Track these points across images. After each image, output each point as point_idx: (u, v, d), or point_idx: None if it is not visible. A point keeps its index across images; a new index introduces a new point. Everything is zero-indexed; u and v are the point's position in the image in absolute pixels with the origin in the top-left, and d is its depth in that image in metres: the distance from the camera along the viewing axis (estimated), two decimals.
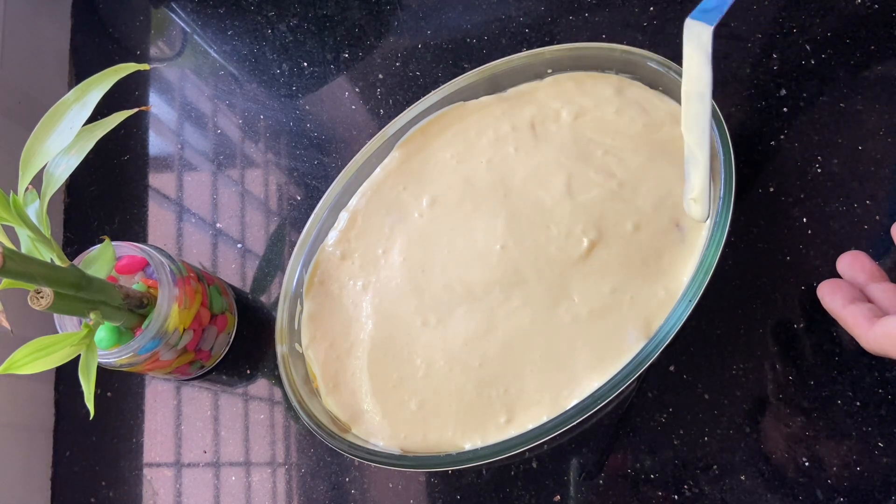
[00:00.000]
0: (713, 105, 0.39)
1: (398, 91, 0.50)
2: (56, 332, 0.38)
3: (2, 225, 0.33)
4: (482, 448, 0.36)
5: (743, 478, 0.39)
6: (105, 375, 0.47)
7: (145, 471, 0.46)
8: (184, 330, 0.40)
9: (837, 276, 0.37)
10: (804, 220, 0.42)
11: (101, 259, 0.37)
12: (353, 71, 0.51)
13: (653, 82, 0.42)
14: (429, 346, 0.40)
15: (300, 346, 0.42)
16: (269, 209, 0.49)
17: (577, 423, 0.35)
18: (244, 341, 0.47)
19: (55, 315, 0.38)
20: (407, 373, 0.39)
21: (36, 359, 0.33)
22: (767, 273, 0.42)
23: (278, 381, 0.44)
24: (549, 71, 0.44)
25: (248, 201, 0.50)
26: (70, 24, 0.57)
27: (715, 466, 0.39)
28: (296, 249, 0.43)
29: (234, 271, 0.48)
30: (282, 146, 0.50)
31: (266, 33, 0.53)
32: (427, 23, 0.51)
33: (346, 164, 0.44)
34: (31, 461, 0.46)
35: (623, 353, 0.37)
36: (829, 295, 0.36)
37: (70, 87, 0.55)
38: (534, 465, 0.41)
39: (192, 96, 0.53)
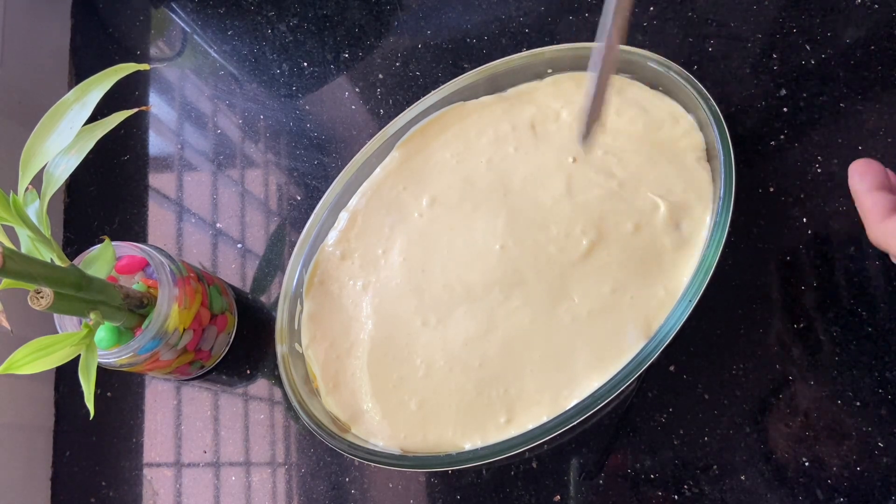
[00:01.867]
0: (715, 107, 0.39)
1: (398, 91, 0.50)
2: (56, 332, 0.38)
3: (2, 225, 0.33)
4: (482, 448, 0.36)
5: (743, 478, 0.39)
6: (105, 375, 0.47)
7: (145, 471, 0.46)
8: (184, 330, 0.40)
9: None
10: (804, 220, 0.42)
11: (101, 259, 0.37)
12: (353, 71, 0.51)
13: (653, 82, 0.42)
14: (429, 346, 0.40)
15: (300, 346, 0.42)
16: (269, 209, 0.49)
17: (578, 423, 0.35)
18: (244, 341, 0.47)
19: (55, 315, 0.38)
20: (407, 373, 0.39)
21: (36, 359, 0.33)
22: (767, 273, 0.42)
23: (278, 381, 0.44)
24: (550, 71, 0.44)
25: (248, 201, 0.50)
26: (70, 25, 0.57)
27: (715, 466, 0.39)
28: (296, 249, 0.43)
29: (234, 271, 0.48)
30: (282, 146, 0.51)
31: (266, 33, 0.53)
32: (427, 23, 0.51)
33: (346, 164, 0.44)
34: (31, 461, 0.46)
35: (623, 353, 0.37)
36: (859, 175, 0.34)
37: (70, 87, 0.55)
38: (534, 465, 0.41)
39: (192, 96, 0.53)
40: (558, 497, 0.41)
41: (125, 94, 0.53)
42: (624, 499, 0.40)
